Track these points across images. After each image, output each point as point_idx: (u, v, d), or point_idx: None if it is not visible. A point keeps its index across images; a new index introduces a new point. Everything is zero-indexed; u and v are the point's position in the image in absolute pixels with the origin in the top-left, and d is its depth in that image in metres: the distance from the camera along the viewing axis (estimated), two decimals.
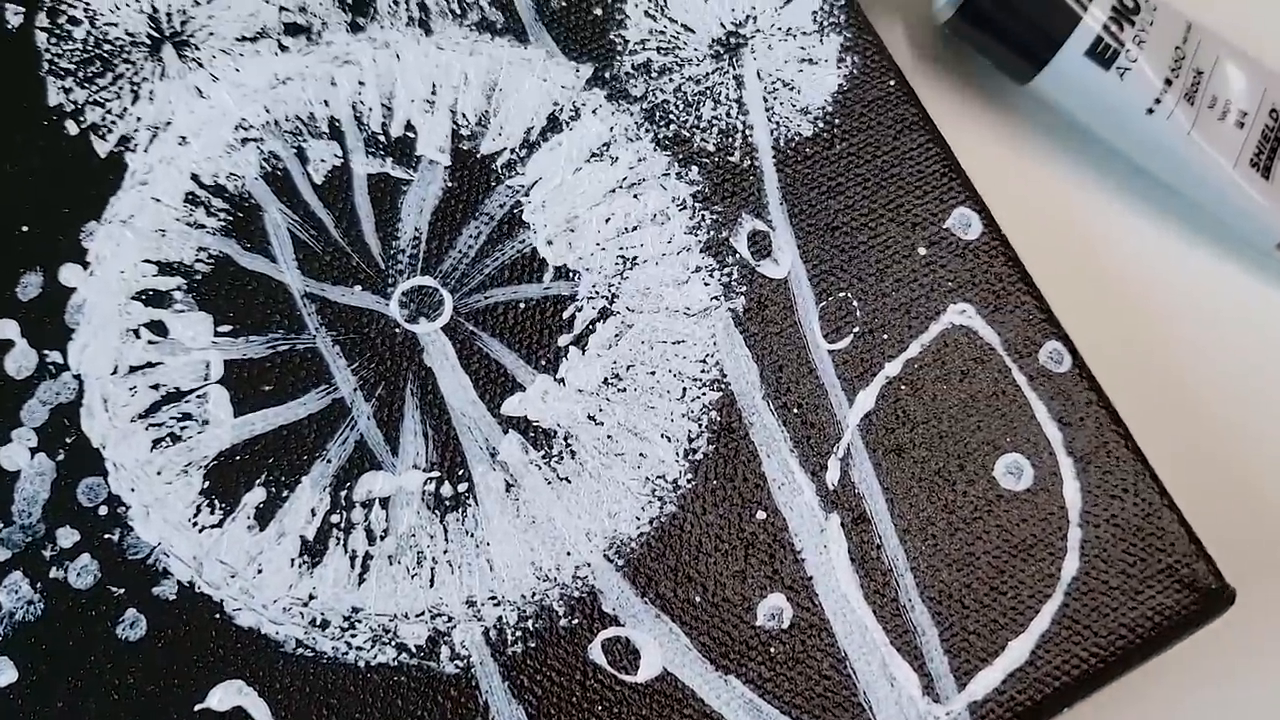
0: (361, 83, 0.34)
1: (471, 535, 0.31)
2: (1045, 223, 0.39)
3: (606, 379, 0.32)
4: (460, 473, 0.31)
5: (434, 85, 0.34)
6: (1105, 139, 0.39)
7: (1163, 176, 0.39)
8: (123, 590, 0.30)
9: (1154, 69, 0.37)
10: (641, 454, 0.32)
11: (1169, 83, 0.37)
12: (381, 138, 0.34)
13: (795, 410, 0.32)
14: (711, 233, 0.34)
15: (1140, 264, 0.39)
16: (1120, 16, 0.37)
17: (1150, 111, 0.37)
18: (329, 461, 0.31)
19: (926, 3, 0.40)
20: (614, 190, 0.34)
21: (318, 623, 0.30)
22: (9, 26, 0.34)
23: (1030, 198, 0.39)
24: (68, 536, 0.30)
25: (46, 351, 0.32)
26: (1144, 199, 0.40)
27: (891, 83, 0.36)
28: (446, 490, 0.31)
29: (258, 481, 0.31)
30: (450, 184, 0.34)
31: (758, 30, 0.36)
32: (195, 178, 0.33)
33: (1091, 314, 0.38)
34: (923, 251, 0.34)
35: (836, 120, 0.35)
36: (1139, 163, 0.39)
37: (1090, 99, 0.38)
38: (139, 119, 0.34)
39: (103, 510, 0.30)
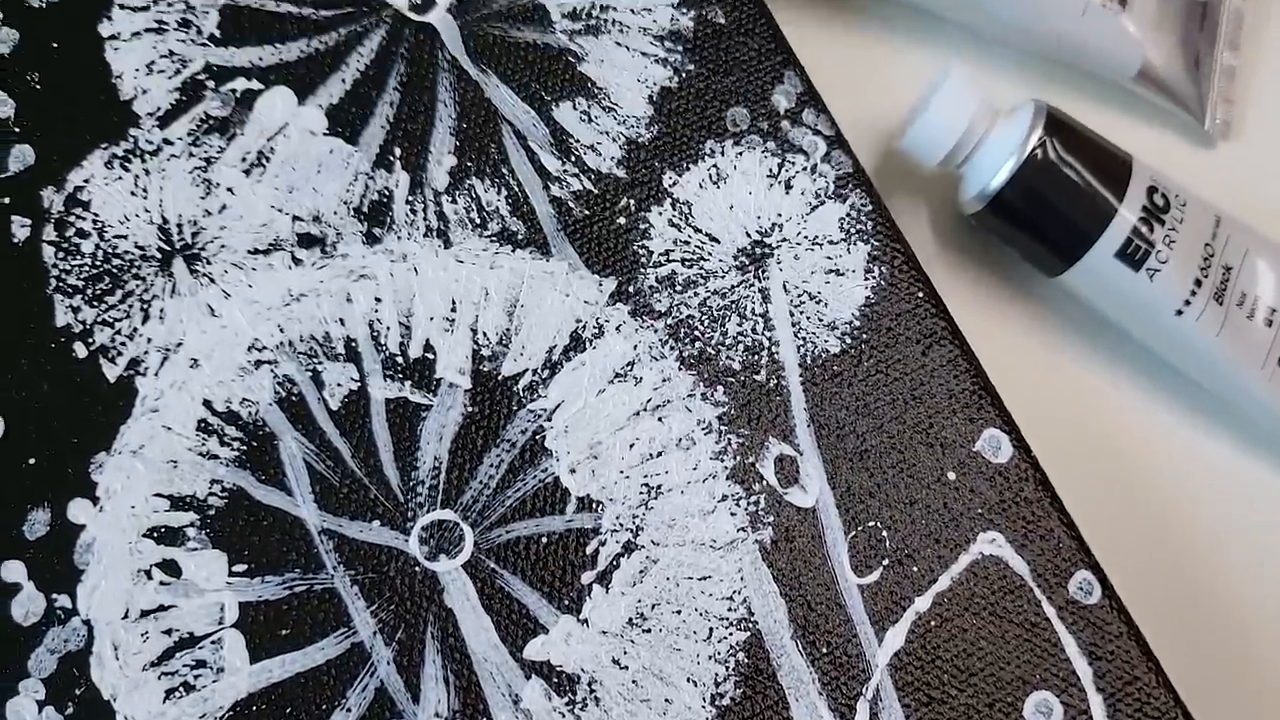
0: (378, 299, 0.33)
1: None
2: (1072, 421, 0.38)
3: (631, 619, 0.31)
4: None
5: (454, 302, 0.33)
6: (1133, 335, 0.38)
7: (1192, 374, 0.38)
8: None
9: (1183, 269, 0.36)
10: (667, 699, 0.31)
11: (1198, 283, 0.36)
12: (400, 359, 0.33)
13: (824, 649, 0.31)
14: (738, 458, 0.33)
15: (1171, 466, 0.38)
16: (1151, 216, 0.36)
17: (1179, 313, 0.37)
18: (349, 710, 0.30)
19: (952, 190, 0.39)
20: (638, 413, 0.33)
21: None
22: (15, 240, 0.33)
23: (1057, 393, 0.38)
24: None
25: (55, 595, 0.30)
26: (1174, 395, 0.39)
27: (920, 294, 0.35)
28: None
29: None
30: (471, 408, 0.32)
31: (784, 239, 0.35)
32: (208, 404, 0.32)
33: (1121, 523, 0.37)
34: (952, 476, 0.33)
35: (864, 335, 0.34)
36: (1168, 360, 0.38)
37: (1119, 298, 0.37)
38: (149, 340, 0.32)
39: None
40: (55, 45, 0.34)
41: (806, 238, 0.35)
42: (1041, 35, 0.40)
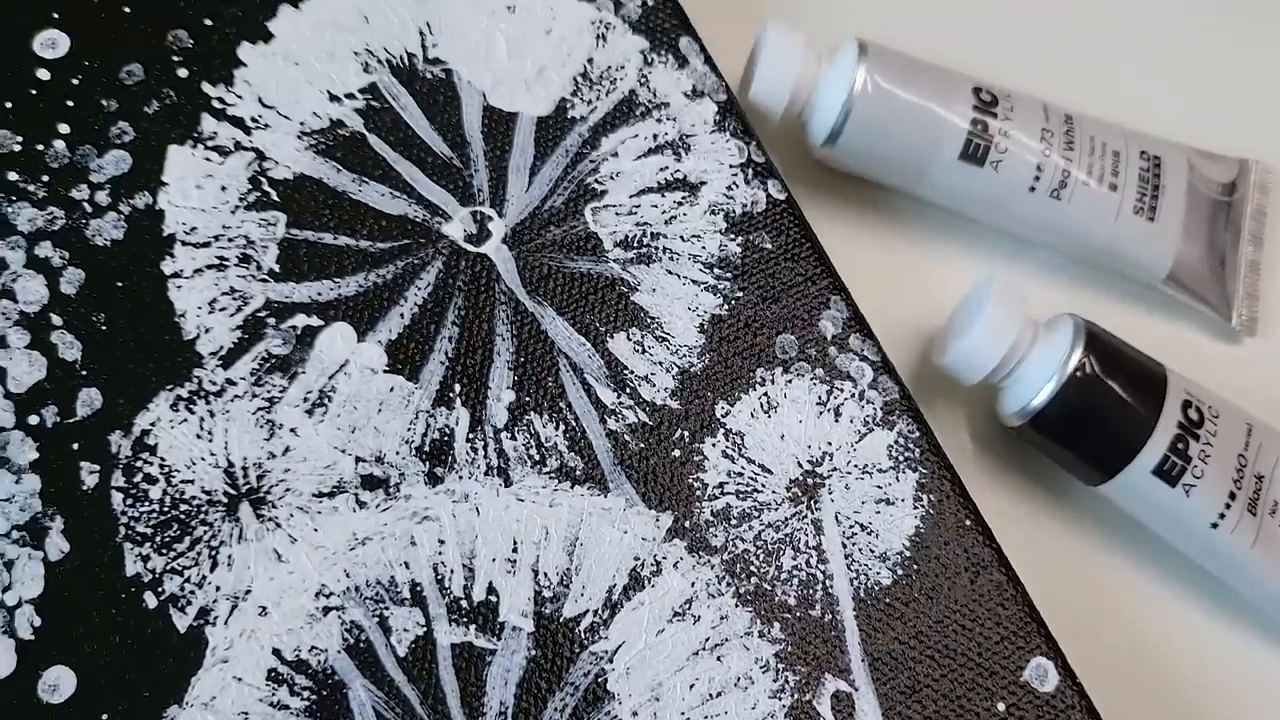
0: (442, 541, 0.34)
1: None
2: (1114, 628, 0.39)
3: None
4: None
5: (515, 542, 0.34)
6: (1171, 544, 0.39)
7: (1230, 584, 0.39)
8: None
9: (1218, 483, 0.37)
10: None
11: (1232, 495, 0.37)
12: (464, 602, 0.33)
13: None
14: (795, 696, 0.33)
15: (1217, 677, 0.39)
16: (1186, 432, 0.37)
17: (1215, 526, 0.37)
18: None
19: (990, 395, 0.40)
20: (697, 653, 0.33)
21: None
22: (85, 488, 0.33)
23: (1099, 601, 0.39)
24: None
25: None
26: (1218, 602, 0.39)
27: (968, 521, 0.35)
28: None
29: None
30: (534, 652, 0.33)
31: (834, 469, 0.35)
32: (277, 653, 0.32)
33: None
34: (1001, 707, 0.34)
35: (915, 565, 0.35)
36: (1204, 567, 0.39)
37: (1156, 511, 0.38)
38: (218, 588, 0.33)
39: None
40: (120, 284, 0.35)
41: (856, 466, 0.35)
42: (1074, 240, 0.41)
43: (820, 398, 0.36)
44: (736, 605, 0.34)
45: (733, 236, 0.37)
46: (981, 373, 0.37)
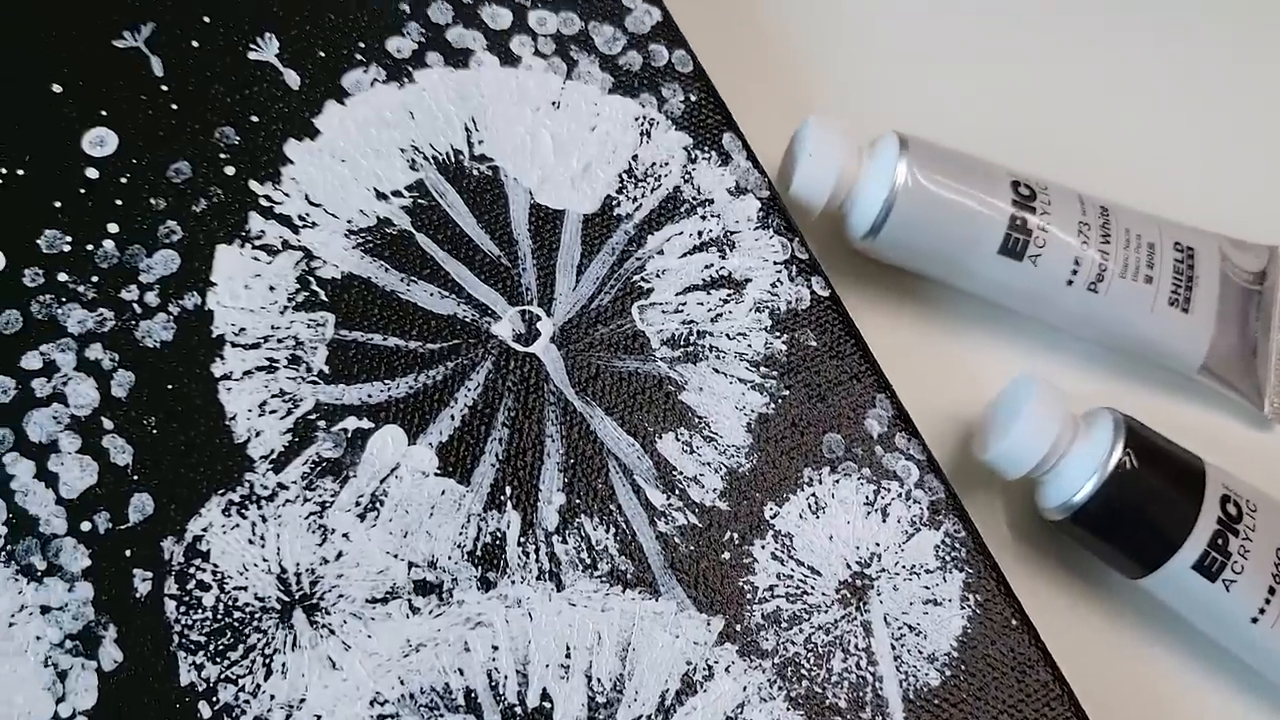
0: (495, 647, 0.34)
1: None
2: (1151, 718, 0.39)
3: None
4: None
5: (568, 648, 0.34)
6: (1210, 638, 0.39)
7: (1268, 676, 0.39)
8: None
9: (1257, 578, 0.37)
10: None
11: (1272, 590, 0.38)
12: (519, 709, 0.33)
13: None
14: None
15: None
16: (1225, 528, 0.37)
17: (1255, 620, 0.38)
18: None
19: (1027, 492, 0.40)
20: None
21: None
22: (137, 595, 0.33)
23: (1139, 694, 0.39)
24: None
25: None
26: (1260, 698, 0.40)
27: (1014, 621, 0.35)
28: None
29: None
30: None
31: (883, 570, 0.35)
32: None
33: None
34: None
35: (962, 665, 0.35)
36: (1243, 660, 0.39)
37: (1196, 606, 0.38)
38: (272, 696, 0.33)
39: None
40: (170, 387, 0.35)
41: (904, 567, 0.36)
42: (1110, 331, 0.41)
43: (867, 498, 0.36)
44: (789, 709, 0.34)
45: (778, 334, 0.37)
46: (1024, 469, 0.38)
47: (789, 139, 0.41)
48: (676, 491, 0.35)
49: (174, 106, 0.38)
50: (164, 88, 0.38)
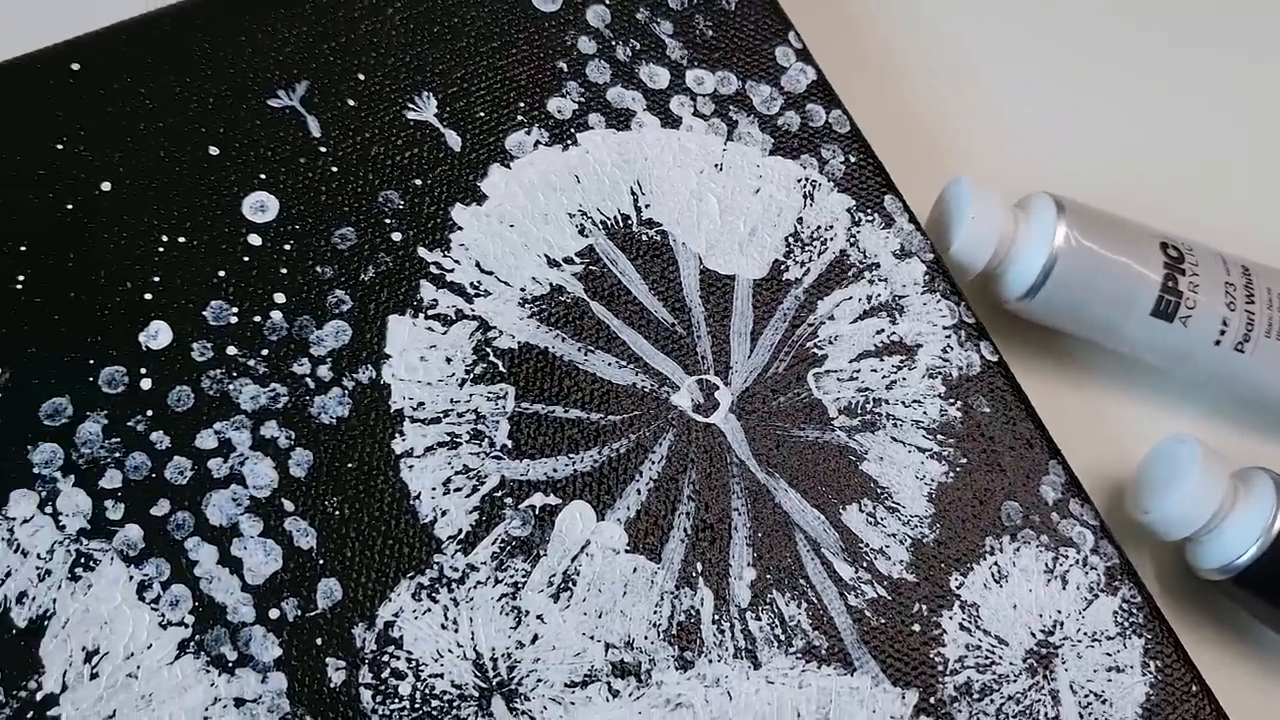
0: None
1: None
2: None
3: None
4: None
5: None
6: None
7: None
8: None
9: None
10: None
11: None
12: None
13: None
14: None
15: None
16: None
17: None
18: None
19: (1176, 549, 0.40)
20: None
21: None
22: (331, 685, 0.32)
23: None
24: None
25: None
26: None
27: (1194, 686, 0.36)
28: None
29: None
30: None
31: (1065, 638, 0.35)
32: None
33: None
34: None
35: None
36: None
37: None
38: None
39: None
40: (350, 466, 0.33)
41: (1086, 634, 0.35)
42: (1256, 389, 0.41)
43: (1047, 565, 0.36)
44: None
45: (952, 401, 0.37)
46: (1187, 531, 0.38)
47: (933, 200, 0.41)
48: (864, 564, 0.35)
49: (334, 169, 0.36)
50: (322, 149, 0.36)
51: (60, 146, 0.35)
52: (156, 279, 0.34)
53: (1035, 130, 0.46)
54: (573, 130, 0.38)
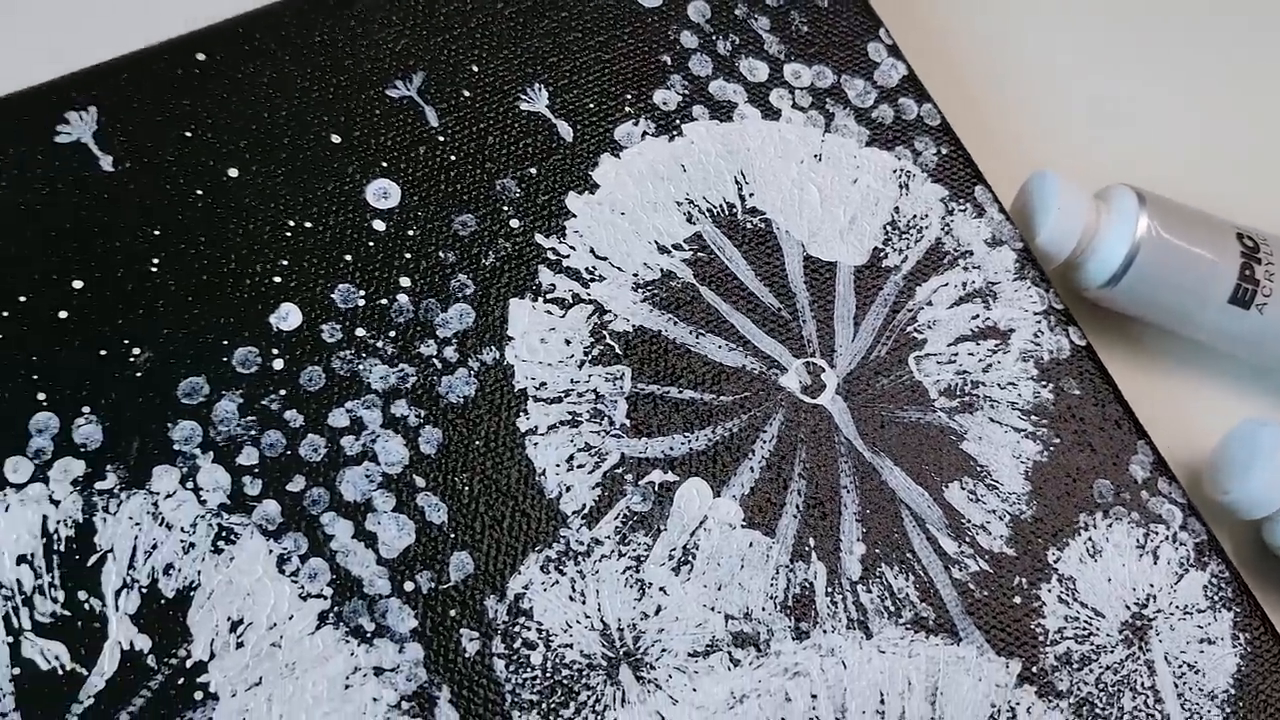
0: (814, 695, 0.34)
1: None
2: None
3: None
4: None
5: (881, 694, 0.34)
6: None
7: None
8: None
9: None
10: None
11: None
12: None
13: None
14: None
15: None
16: None
17: None
18: None
19: (1255, 527, 0.41)
20: None
21: None
22: (466, 655, 0.33)
23: None
24: None
25: None
26: None
27: None
28: None
29: None
30: None
31: (1158, 610, 0.37)
32: None
33: None
34: None
35: (1240, 702, 0.36)
36: None
37: None
38: None
39: None
40: (478, 443, 0.35)
41: (1178, 607, 0.37)
42: None
43: (1138, 541, 0.37)
44: None
45: (1044, 383, 0.38)
46: (1264, 512, 0.39)
47: (1010, 193, 0.43)
48: (966, 539, 0.36)
49: (452, 157, 0.37)
50: (440, 138, 0.37)
51: (189, 134, 0.36)
52: (285, 262, 0.35)
53: (1103, 125, 0.48)
54: (678, 121, 0.39)
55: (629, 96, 0.39)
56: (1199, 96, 0.50)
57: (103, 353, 0.34)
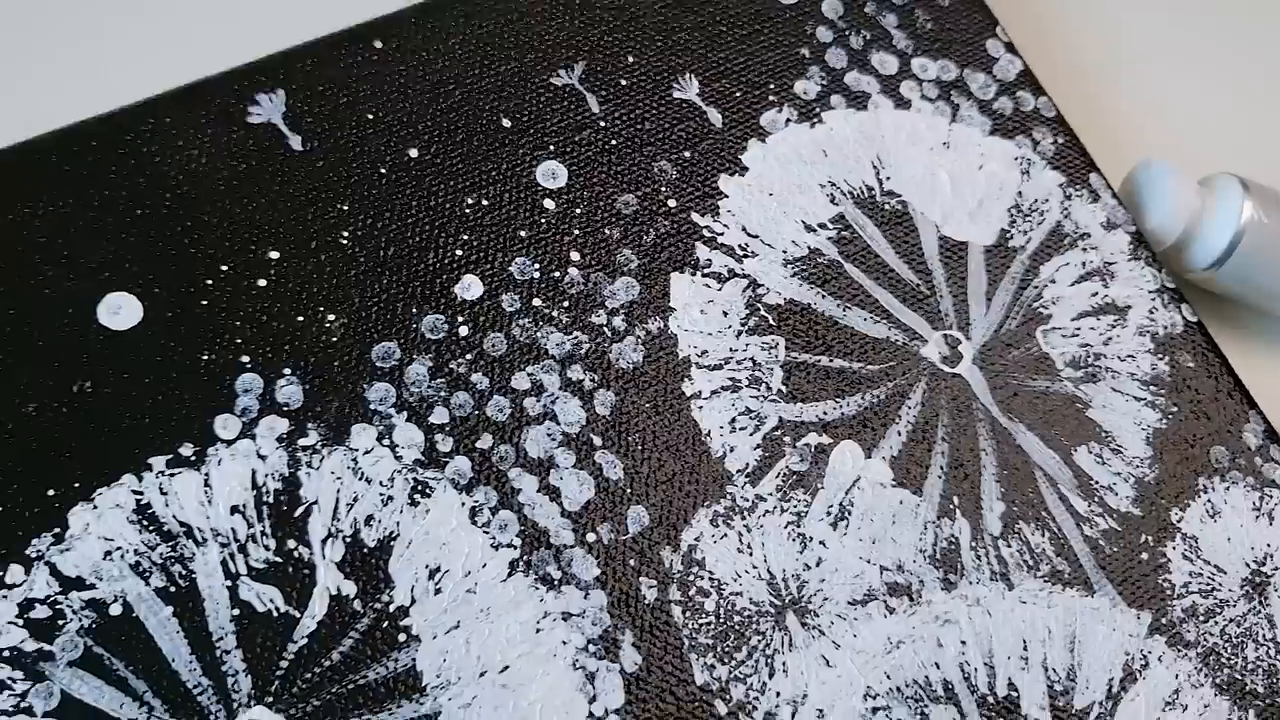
0: (964, 642, 0.36)
1: None
2: None
3: None
4: None
5: (1024, 641, 0.37)
6: None
7: None
8: None
9: None
10: None
11: None
12: (990, 697, 0.36)
13: None
14: None
15: None
16: None
17: None
18: None
19: None
20: None
21: None
22: (646, 602, 0.35)
23: None
24: None
25: None
26: None
27: None
28: None
29: None
30: None
31: (1277, 568, 0.39)
32: None
33: None
34: None
35: None
36: None
37: None
38: (778, 694, 0.35)
39: None
40: (648, 405, 0.37)
41: None
42: None
43: (1254, 503, 0.40)
44: (1215, 695, 0.37)
45: (1161, 356, 0.41)
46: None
47: (1117, 180, 0.45)
48: (1096, 499, 0.39)
49: (613, 142, 0.40)
50: (602, 123, 0.40)
51: (370, 117, 0.38)
52: (465, 237, 0.37)
53: (1205, 115, 0.50)
54: (818, 110, 0.41)
55: (772, 86, 0.41)
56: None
57: (300, 319, 0.36)
